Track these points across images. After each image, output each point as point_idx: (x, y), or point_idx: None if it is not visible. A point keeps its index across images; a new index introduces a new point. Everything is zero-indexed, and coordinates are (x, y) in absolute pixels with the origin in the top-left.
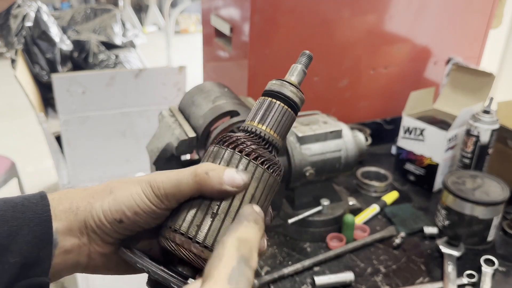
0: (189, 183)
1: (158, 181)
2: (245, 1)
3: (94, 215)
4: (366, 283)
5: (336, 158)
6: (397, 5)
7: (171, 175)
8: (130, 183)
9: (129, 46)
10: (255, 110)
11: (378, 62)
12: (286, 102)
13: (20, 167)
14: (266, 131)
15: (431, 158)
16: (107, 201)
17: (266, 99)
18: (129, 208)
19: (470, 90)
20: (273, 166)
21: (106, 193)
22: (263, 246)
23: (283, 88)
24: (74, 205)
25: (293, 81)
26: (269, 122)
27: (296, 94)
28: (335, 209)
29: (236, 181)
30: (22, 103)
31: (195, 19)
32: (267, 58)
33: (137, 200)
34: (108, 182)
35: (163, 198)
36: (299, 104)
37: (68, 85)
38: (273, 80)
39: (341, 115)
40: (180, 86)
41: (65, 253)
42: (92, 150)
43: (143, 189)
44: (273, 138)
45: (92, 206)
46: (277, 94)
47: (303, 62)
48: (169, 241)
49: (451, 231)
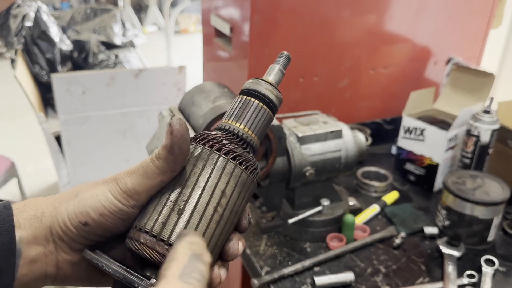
0: (152, 169)
1: (124, 177)
2: (245, 1)
3: (59, 219)
4: (366, 283)
5: (336, 158)
6: (397, 5)
7: (135, 168)
8: (96, 185)
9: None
10: (230, 108)
11: (378, 62)
12: (262, 100)
13: (20, 167)
14: (240, 128)
15: (431, 158)
16: (72, 204)
17: (242, 97)
18: (94, 209)
19: (470, 90)
20: (245, 162)
21: (72, 196)
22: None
23: (258, 86)
24: (39, 212)
25: (269, 80)
26: (243, 120)
27: (271, 92)
28: (335, 209)
29: (167, 132)
30: (22, 103)
31: (195, 19)
32: (267, 58)
33: (102, 199)
34: (76, 187)
35: (132, 193)
36: (276, 102)
37: (68, 85)
38: (251, 80)
39: (341, 115)
40: (180, 86)
41: (30, 263)
42: (92, 150)
43: (109, 188)
44: (247, 135)
45: (57, 211)
46: (253, 92)
47: (280, 63)
48: (133, 240)
49: (451, 231)
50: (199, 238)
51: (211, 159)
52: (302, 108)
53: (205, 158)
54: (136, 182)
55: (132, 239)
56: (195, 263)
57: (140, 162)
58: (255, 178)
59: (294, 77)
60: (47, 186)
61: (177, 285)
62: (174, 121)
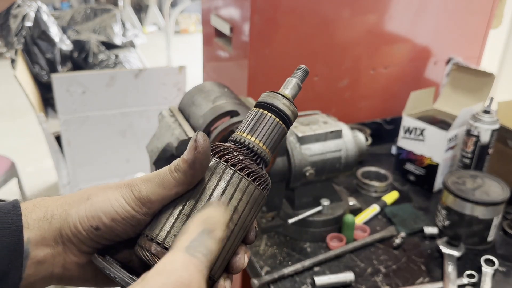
0: (169, 180)
1: (139, 184)
2: (245, 1)
3: (70, 222)
4: (366, 283)
5: (336, 158)
6: (397, 5)
7: (150, 176)
8: (108, 189)
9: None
10: (245, 121)
11: (378, 62)
12: (277, 114)
13: (20, 167)
14: (255, 143)
15: (431, 158)
16: (83, 207)
17: (258, 110)
18: (106, 214)
19: (470, 90)
20: (259, 179)
21: (83, 199)
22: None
23: (275, 100)
24: (49, 213)
25: (286, 94)
26: (258, 134)
27: (288, 107)
28: (335, 209)
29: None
30: (22, 103)
31: (195, 19)
32: (267, 58)
33: (115, 205)
34: (86, 189)
35: (145, 201)
36: (292, 117)
37: (68, 85)
38: (266, 92)
39: (341, 115)
40: (180, 86)
41: (37, 264)
42: (92, 150)
43: (122, 193)
44: (261, 150)
45: (67, 213)
46: (269, 105)
47: (298, 76)
48: (144, 250)
49: (451, 231)
50: (219, 212)
51: (226, 174)
52: (302, 108)
53: (220, 172)
54: (151, 190)
55: (143, 248)
56: (204, 237)
57: (157, 170)
58: (266, 194)
59: None
60: (47, 186)
61: (181, 256)
62: (200, 138)
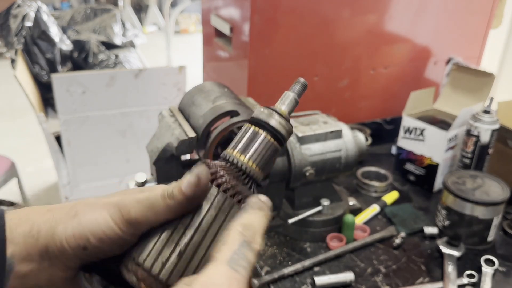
0: (160, 206)
1: (128, 205)
2: (245, 1)
3: (56, 240)
4: (366, 283)
5: (336, 158)
6: (397, 5)
7: (141, 198)
8: (96, 206)
9: (129, 46)
10: (238, 138)
11: (378, 62)
12: (272, 134)
13: (20, 167)
14: (247, 164)
15: (431, 158)
16: (70, 225)
17: (252, 128)
18: (94, 234)
19: (470, 90)
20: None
21: (70, 216)
22: None
23: (271, 118)
24: (35, 229)
25: (283, 111)
26: (251, 154)
27: (284, 127)
28: (335, 209)
29: (191, 182)
30: (22, 103)
31: (195, 19)
32: (267, 58)
33: (103, 225)
34: (74, 203)
35: (134, 223)
36: (286, 136)
37: (68, 85)
38: (262, 107)
39: (341, 115)
40: (180, 86)
41: (22, 278)
42: (92, 150)
43: (110, 214)
44: (253, 172)
45: (54, 231)
46: (264, 124)
47: (296, 91)
48: (131, 273)
49: (451, 231)
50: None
51: (217, 201)
52: (302, 108)
53: (211, 199)
54: (140, 213)
55: (130, 271)
56: (244, 250)
57: (149, 192)
58: None
59: (294, 77)
60: (47, 186)
61: (224, 270)
62: (202, 173)
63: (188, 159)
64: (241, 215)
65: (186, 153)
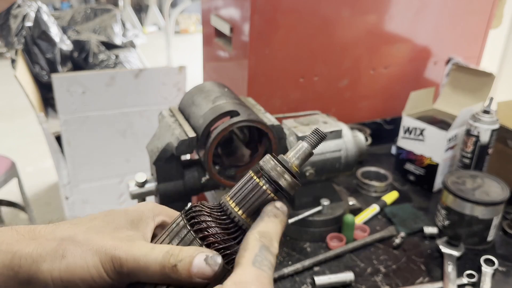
0: (156, 272)
1: (121, 258)
2: (245, 1)
3: (41, 278)
4: (366, 283)
5: (336, 158)
6: (397, 5)
7: (137, 255)
8: (87, 250)
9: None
10: (239, 186)
11: (378, 62)
12: (276, 191)
13: (20, 167)
14: (241, 217)
15: (431, 158)
16: (57, 266)
17: (254, 180)
18: (83, 281)
19: (470, 90)
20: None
21: (58, 256)
22: None
23: (281, 179)
24: (16, 261)
25: (294, 165)
26: (248, 208)
27: (293, 188)
28: (335, 209)
29: (206, 273)
30: (22, 103)
31: (195, 19)
32: (267, 58)
33: (94, 274)
34: (61, 239)
35: (124, 275)
36: (291, 194)
37: (68, 85)
38: (272, 160)
39: (341, 115)
40: (180, 86)
41: None
42: (92, 150)
43: (102, 262)
44: (245, 224)
45: (38, 268)
46: (272, 181)
47: (312, 142)
48: None
49: (451, 231)
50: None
51: None
52: (302, 108)
53: None
54: (132, 270)
55: None
56: (265, 252)
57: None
58: None
59: (294, 77)
60: (47, 186)
61: (251, 270)
62: (220, 269)
63: (188, 159)
64: (258, 223)
65: (186, 153)
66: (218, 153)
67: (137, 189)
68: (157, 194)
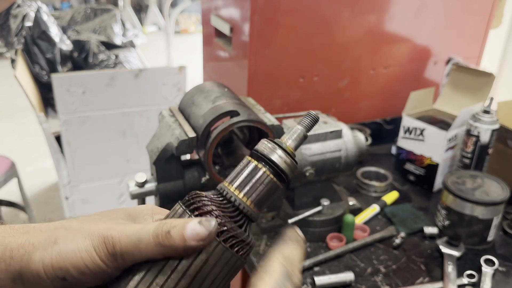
0: (150, 244)
1: (114, 237)
2: (245, 1)
3: (33, 268)
4: (366, 283)
5: (336, 158)
6: (397, 5)
7: (130, 232)
8: (79, 235)
9: (129, 46)
10: (237, 171)
11: (378, 62)
12: (274, 170)
13: (20, 167)
14: (242, 201)
15: (431, 158)
16: (49, 253)
17: (252, 163)
18: (75, 266)
19: (470, 90)
20: (243, 248)
21: (50, 242)
22: None
23: (274, 154)
24: (8, 253)
25: (289, 146)
26: (248, 191)
27: (288, 165)
28: (335, 209)
29: (200, 234)
30: (22, 103)
31: (195, 19)
32: (267, 58)
33: (86, 258)
34: (54, 228)
35: (118, 257)
36: (290, 176)
37: (68, 85)
38: (267, 140)
39: (341, 115)
40: (180, 86)
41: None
42: (92, 150)
43: (94, 245)
44: (249, 210)
45: (30, 257)
46: (267, 160)
47: (305, 125)
48: None
49: (451, 231)
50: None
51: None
52: (302, 108)
53: None
54: (126, 249)
55: None
56: (286, 282)
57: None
58: (245, 258)
59: (294, 77)
60: (47, 186)
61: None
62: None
63: (188, 159)
64: (282, 246)
65: (186, 153)
66: (218, 153)
67: (137, 189)
68: (157, 194)
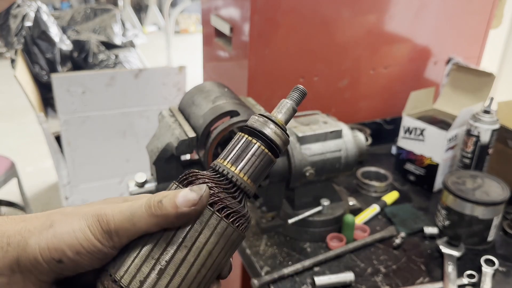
0: (143, 216)
1: (107, 215)
2: (245, 1)
3: (29, 253)
4: (366, 283)
5: (336, 158)
6: (397, 5)
7: (122, 208)
8: (73, 217)
9: (129, 46)
10: (230, 147)
11: (378, 62)
12: (266, 144)
13: (20, 167)
14: (238, 176)
15: (431, 158)
16: (45, 237)
17: (245, 137)
18: (70, 246)
19: (470, 90)
20: (239, 219)
21: (45, 226)
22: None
23: (266, 127)
24: (4, 240)
25: (279, 119)
26: (243, 166)
27: (280, 137)
28: (335, 209)
29: (191, 199)
30: (22, 103)
31: (195, 19)
32: (267, 58)
33: (80, 237)
34: (51, 213)
35: (113, 235)
36: (282, 147)
37: (68, 85)
38: (257, 115)
39: (341, 115)
40: (180, 86)
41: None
42: (92, 150)
43: (88, 224)
44: (245, 184)
45: (26, 242)
46: (258, 133)
47: (294, 98)
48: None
49: (451, 231)
50: None
51: (203, 215)
52: (302, 108)
53: None
54: (120, 224)
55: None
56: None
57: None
58: (244, 233)
59: (294, 77)
60: (47, 186)
61: None
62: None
63: (188, 159)
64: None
65: (186, 153)
66: (218, 153)
67: (137, 189)
68: None
